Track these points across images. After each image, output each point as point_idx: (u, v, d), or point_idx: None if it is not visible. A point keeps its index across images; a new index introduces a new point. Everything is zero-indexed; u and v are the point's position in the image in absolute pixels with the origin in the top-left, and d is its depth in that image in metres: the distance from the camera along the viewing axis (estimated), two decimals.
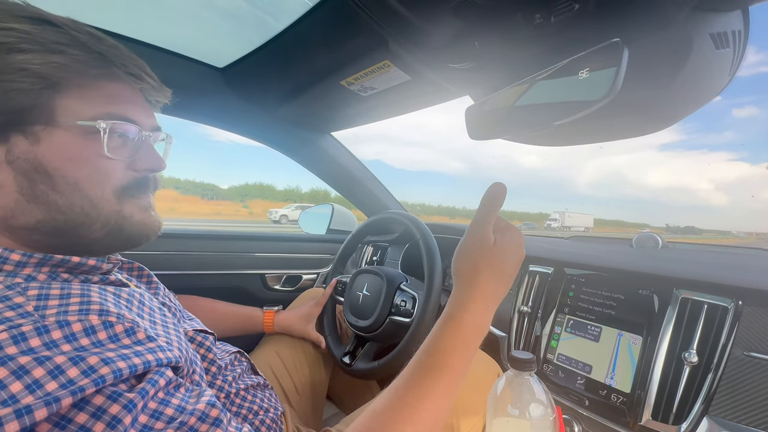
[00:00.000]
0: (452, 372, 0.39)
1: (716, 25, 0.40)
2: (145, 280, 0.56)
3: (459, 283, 0.45)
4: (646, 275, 0.65)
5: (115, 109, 0.39)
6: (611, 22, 0.41)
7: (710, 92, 0.48)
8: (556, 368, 0.70)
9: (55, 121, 0.37)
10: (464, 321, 0.42)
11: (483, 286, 0.43)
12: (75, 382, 0.27)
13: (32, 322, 0.29)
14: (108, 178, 0.40)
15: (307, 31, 0.62)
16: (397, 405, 0.37)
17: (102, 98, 0.39)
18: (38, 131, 0.36)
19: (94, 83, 0.39)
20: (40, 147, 0.36)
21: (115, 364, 0.30)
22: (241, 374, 0.61)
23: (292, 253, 1.21)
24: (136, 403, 0.30)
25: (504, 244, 0.45)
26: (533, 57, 0.49)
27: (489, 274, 0.43)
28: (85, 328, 0.31)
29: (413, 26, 0.48)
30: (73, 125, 0.37)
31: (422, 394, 0.38)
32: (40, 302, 0.31)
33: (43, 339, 0.29)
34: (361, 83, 0.70)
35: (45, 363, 0.27)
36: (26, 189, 0.37)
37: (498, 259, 0.44)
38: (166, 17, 0.68)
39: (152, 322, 0.41)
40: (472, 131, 0.59)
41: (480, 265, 0.44)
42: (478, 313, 0.42)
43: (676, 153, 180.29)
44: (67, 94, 0.37)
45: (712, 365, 0.53)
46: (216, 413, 0.34)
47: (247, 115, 0.95)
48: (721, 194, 57.83)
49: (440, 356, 0.40)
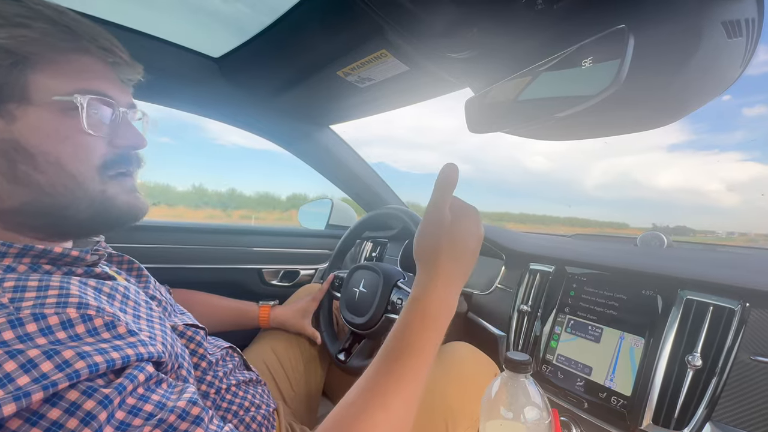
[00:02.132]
0: (421, 354, 0.39)
1: (729, 13, 0.38)
2: (135, 273, 0.55)
3: (421, 266, 0.45)
4: (649, 275, 0.63)
5: (89, 84, 0.39)
6: (617, 8, 0.39)
7: (721, 85, 0.46)
8: (555, 369, 0.68)
9: (29, 98, 0.36)
10: (429, 303, 0.42)
11: (444, 267, 0.43)
12: (48, 377, 0.26)
13: (6, 314, 0.28)
14: (90, 155, 0.39)
15: (303, 19, 0.60)
16: (369, 393, 0.37)
17: (75, 73, 0.38)
18: (12, 109, 0.36)
19: (65, 57, 0.38)
20: (16, 125, 0.36)
21: (91, 358, 0.29)
22: (233, 370, 0.60)
23: (290, 248, 1.20)
24: (112, 399, 0.29)
25: (461, 224, 0.45)
26: (535, 46, 0.47)
27: (449, 254, 0.43)
28: (62, 321, 0.30)
29: (410, 13, 0.46)
30: (48, 101, 0.36)
31: (392, 380, 0.38)
32: (16, 294, 0.30)
33: (16, 332, 0.28)
34: (358, 74, 0.68)
35: (17, 356, 0.26)
36: (6, 170, 0.36)
37: (456, 237, 0.44)
38: (161, 6, 0.66)
39: (136, 317, 0.40)
40: (472, 124, 0.57)
41: (439, 247, 0.44)
42: (442, 293, 0.42)
43: (685, 153, 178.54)
44: (39, 69, 0.36)
45: (716, 369, 0.51)
46: (197, 411, 0.33)
47: (244, 106, 0.94)
48: (733, 195, 56.85)
49: (408, 340, 0.40)
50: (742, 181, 46.98)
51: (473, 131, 0.57)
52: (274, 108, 0.94)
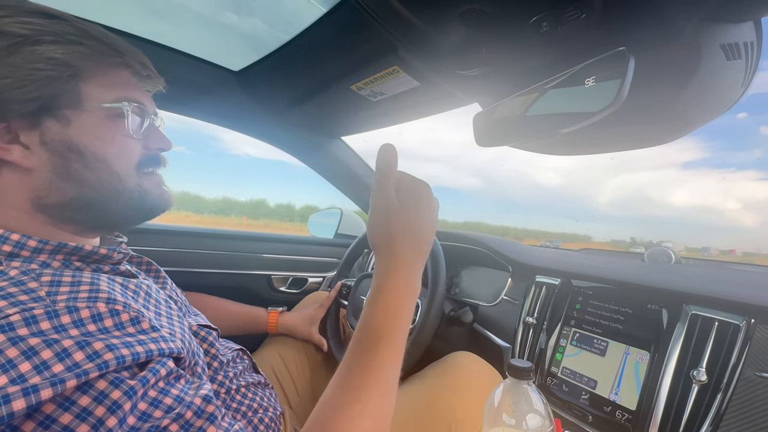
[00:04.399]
0: (390, 343, 0.39)
1: (727, 36, 0.40)
2: (153, 274, 0.57)
3: (378, 256, 0.44)
4: (654, 289, 0.63)
5: (129, 94, 0.44)
6: (618, 31, 0.41)
7: (722, 104, 0.47)
8: (560, 382, 0.68)
9: (82, 105, 0.41)
10: (390, 290, 0.41)
11: (400, 251, 0.43)
12: (80, 366, 0.28)
13: (44, 306, 0.30)
14: (130, 155, 0.44)
15: (320, 37, 0.63)
16: (343, 389, 0.37)
17: (118, 85, 0.43)
18: (68, 114, 0.40)
19: (110, 71, 0.43)
20: (71, 128, 0.40)
21: (118, 350, 0.31)
22: (242, 372, 0.61)
23: (299, 256, 1.22)
24: (136, 390, 0.30)
25: (409, 203, 0.44)
26: (540, 65, 0.49)
27: (402, 237, 0.43)
28: (93, 314, 0.33)
29: (421, 33, 0.48)
30: (98, 108, 0.42)
31: (364, 372, 0.38)
32: (52, 288, 0.33)
33: (52, 323, 0.30)
34: (370, 88, 0.71)
35: (53, 345, 0.28)
36: (60, 168, 0.40)
37: (407, 218, 0.43)
38: (187, 22, 0.70)
39: (157, 314, 0.42)
40: (479, 138, 0.59)
41: (391, 232, 0.43)
42: (402, 279, 0.42)
43: (700, 171, 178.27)
44: (89, 80, 0.41)
45: (721, 385, 0.51)
46: (212, 409, 0.35)
47: (260, 117, 0.97)
48: (752, 214, 55.40)
49: (374, 330, 0.40)
50: (759, 199, 45.71)
51: (480, 145, 0.59)
52: (289, 119, 0.97)
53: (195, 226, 1.14)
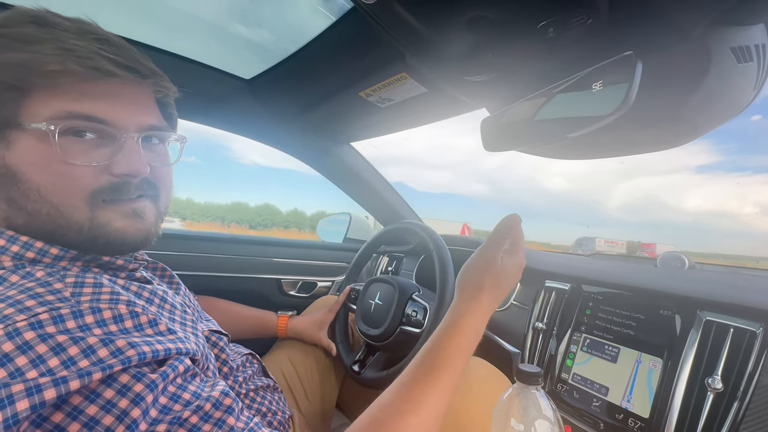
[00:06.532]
0: (452, 371, 0.43)
1: (737, 39, 0.39)
2: (167, 279, 0.58)
3: (462, 296, 0.50)
4: (667, 295, 0.62)
5: (80, 107, 0.36)
6: (625, 36, 0.41)
7: (734, 107, 0.47)
8: (570, 389, 0.67)
9: (19, 124, 0.35)
10: (464, 329, 0.46)
11: (483, 301, 0.48)
12: (104, 361, 0.30)
13: (69, 306, 0.32)
14: (73, 184, 0.37)
15: (329, 45, 0.64)
16: (404, 398, 0.40)
17: (66, 96, 0.35)
18: (8, 135, 0.36)
19: (60, 81, 0.35)
20: (10, 151, 0.36)
21: (140, 347, 0.32)
22: (252, 376, 0.62)
23: (308, 260, 1.23)
24: (157, 384, 0.32)
25: (507, 267, 0.50)
26: (547, 70, 0.49)
27: (490, 291, 0.49)
28: (114, 315, 0.34)
29: (428, 40, 0.49)
30: (29, 128, 0.35)
31: (426, 389, 0.41)
32: (76, 289, 0.34)
33: (78, 322, 0.31)
34: (378, 94, 0.72)
35: (79, 342, 0.30)
36: (4, 194, 0.37)
37: (500, 279, 0.50)
38: (200, 32, 0.72)
39: (171, 319, 0.43)
40: (487, 143, 0.59)
41: (484, 284, 0.49)
42: (477, 323, 0.47)
43: (715, 175, 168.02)
44: (32, 94, 0.35)
45: (738, 393, 0.50)
46: (229, 402, 0.36)
47: (270, 124, 0.99)
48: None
49: (442, 357, 0.44)
50: None
51: (488, 149, 0.59)
52: (299, 126, 0.99)
53: (204, 231, 1.16)
